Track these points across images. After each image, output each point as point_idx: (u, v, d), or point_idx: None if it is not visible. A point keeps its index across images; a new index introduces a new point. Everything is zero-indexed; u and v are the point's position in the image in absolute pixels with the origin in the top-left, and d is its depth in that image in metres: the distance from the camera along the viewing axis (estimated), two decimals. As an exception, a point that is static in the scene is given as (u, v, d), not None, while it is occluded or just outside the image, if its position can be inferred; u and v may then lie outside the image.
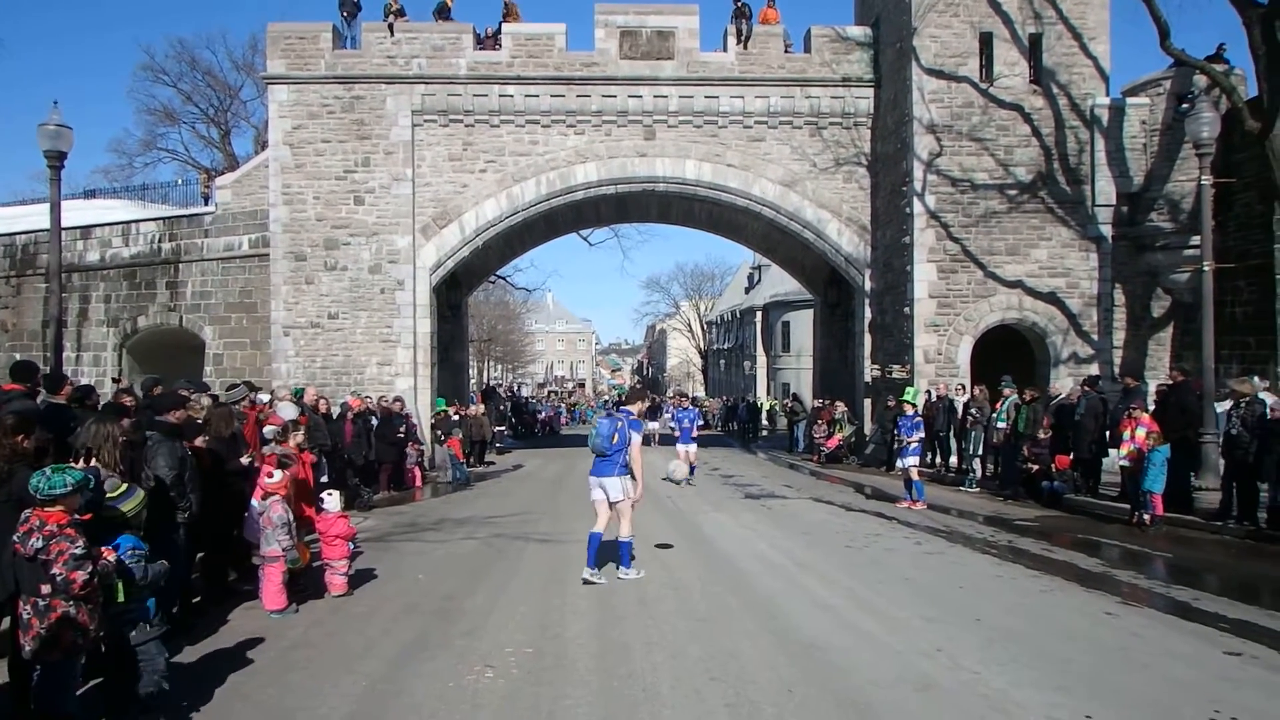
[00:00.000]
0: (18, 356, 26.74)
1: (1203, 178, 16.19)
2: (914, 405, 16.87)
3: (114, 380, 25.59)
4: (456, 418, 22.15)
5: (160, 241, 26.18)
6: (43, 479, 4.84)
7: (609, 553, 9.61)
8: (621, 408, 10.24)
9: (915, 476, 15.57)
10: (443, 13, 25.02)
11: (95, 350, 26.47)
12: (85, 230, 26.82)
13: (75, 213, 25.75)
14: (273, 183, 24.20)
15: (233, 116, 45.11)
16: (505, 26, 24.74)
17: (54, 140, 14.72)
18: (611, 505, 9.42)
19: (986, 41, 22.40)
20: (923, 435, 16.46)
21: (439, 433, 20.65)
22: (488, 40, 24.82)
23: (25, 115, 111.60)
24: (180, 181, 32.74)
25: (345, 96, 24.17)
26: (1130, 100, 22.29)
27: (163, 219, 26.86)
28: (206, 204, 27.56)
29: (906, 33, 22.57)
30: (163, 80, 43.92)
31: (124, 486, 5.84)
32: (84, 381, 24.77)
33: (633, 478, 9.49)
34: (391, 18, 24.44)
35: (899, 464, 16.76)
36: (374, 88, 24.21)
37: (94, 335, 26.48)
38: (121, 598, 5.28)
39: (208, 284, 25.55)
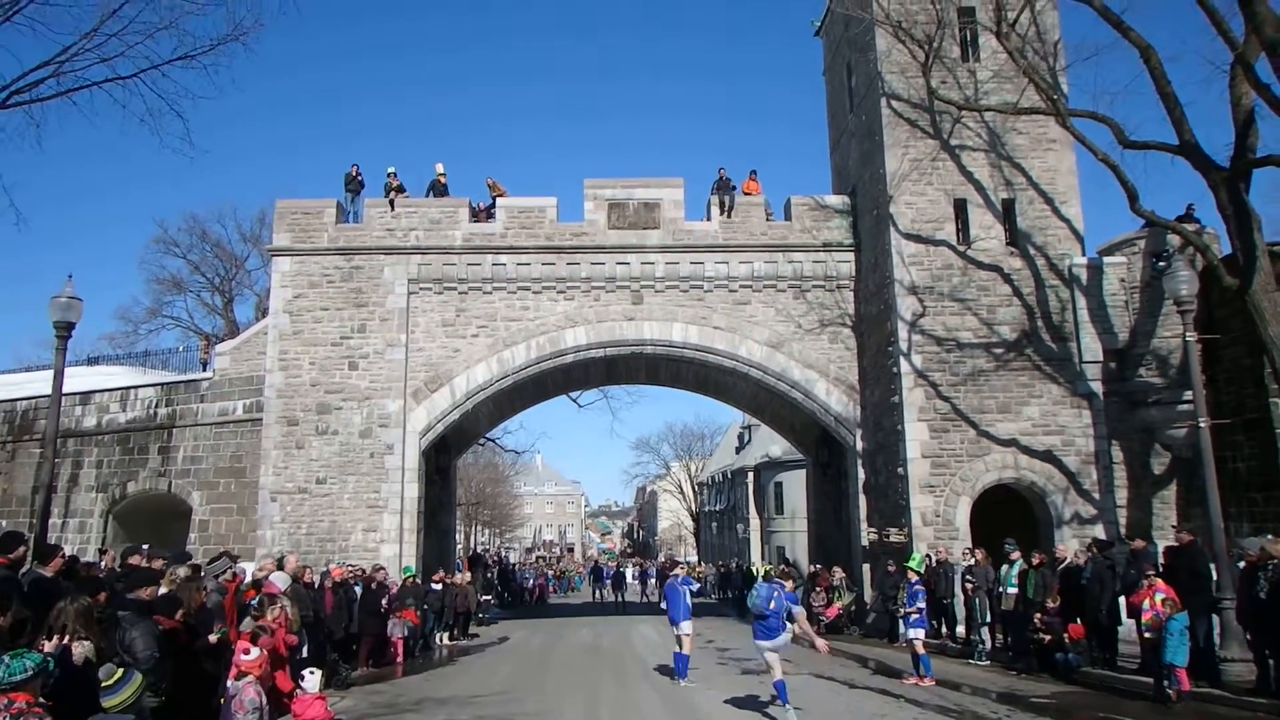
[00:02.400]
0: (4, 524, 26.48)
1: (1187, 334, 16.23)
2: (918, 572, 16.36)
3: (99, 550, 25.16)
4: (439, 586, 21.55)
5: (157, 407, 26.34)
6: (1, 667, 4.66)
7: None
8: (774, 579, 12.30)
9: (921, 650, 14.86)
10: (436, 189, 26.14)
11: (82, 517, 26.17)
12: (85, 396, 27.09)
13: (77, 379, 26.03)
14: (270, 349, 24.57)
15: (237, 285, 46.57)
16: (500, 200, 25.81)
17: (64, 312, 15.08)
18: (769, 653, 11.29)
19: (961, 207, 23.16)
20: (922, 606, 15.90)
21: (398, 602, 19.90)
22: (482, 213, 25.83)
23: (34, 279, 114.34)
24: (181, 348, 33.33)
25: (345, 266, 24.91)
26: (1107, 259, 22.75)
27: (161, 385, 27.16)
28: (205, 370, 27.88)
29: (883, 200, 23.40)
30: (174, 252, 45.77)
31: (119, 673, 5.47)
32: (69, 550, 24.58)
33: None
34: (392, 194, 25.60)
35: (903, 635, 16.10)
36: (373, 258, 25.01)
37: (82, 501, 26.25)
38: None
39: (200, 449, 25.51)
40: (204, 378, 26.62)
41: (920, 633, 15.06)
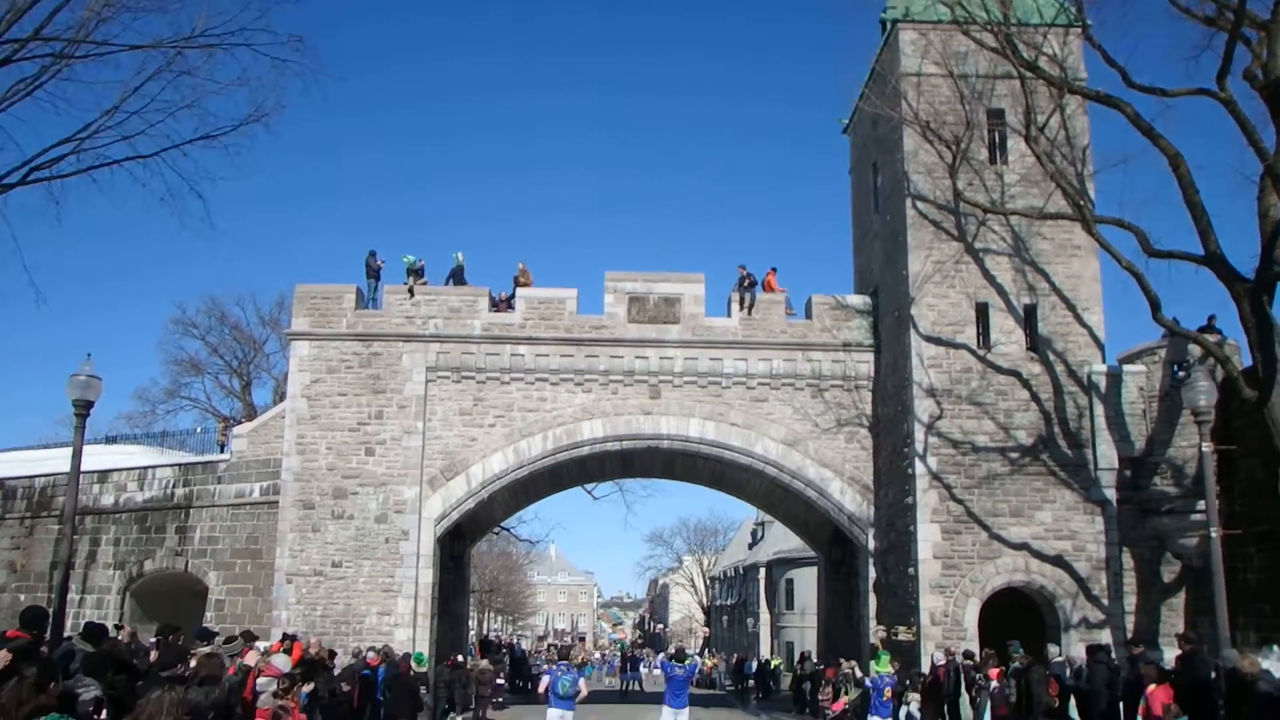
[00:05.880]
0: (22, 598, 26.50)
1: (1203, 445, 16.28)
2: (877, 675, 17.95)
3: (115, 626, 25.05)
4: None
5: (174, 487, 26.51)
6: None
7: None
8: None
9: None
10: (456, 276, 26.40)
11: (99, 593, 26.15)
12: (103, 474, 27.19)
13: (95, 457, 26.17)
14: (288, 433, 24.79)
15: (255, 368, 46.50)
16: (519, 291, 26.02)
17: (83, 390, 15.32)
18: None
19: (983, 311, 23.17)
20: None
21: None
22: (502, 303, 25.99)
23: (52, 355, 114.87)
24: (199, 430, 33.55)
25: (364, 352, 25.16)
26: (1127, 368, 22.73)
27: (179, 465, 27.37)
28: (223, 451, 28.11)
29: (904, 302, 23.48)
30: (192, 333, 45.71)
31: None
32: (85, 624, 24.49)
33: None
34: (412, 279, 25.68)
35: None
36: (391, 345, 25.24)
37: (99, 578, 26.26)
38: None
39: (216, 530, 25.62)
40: (221, 459, 26.84)
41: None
